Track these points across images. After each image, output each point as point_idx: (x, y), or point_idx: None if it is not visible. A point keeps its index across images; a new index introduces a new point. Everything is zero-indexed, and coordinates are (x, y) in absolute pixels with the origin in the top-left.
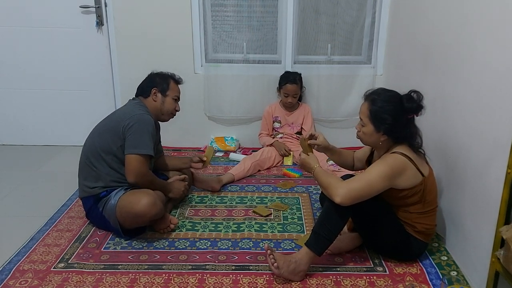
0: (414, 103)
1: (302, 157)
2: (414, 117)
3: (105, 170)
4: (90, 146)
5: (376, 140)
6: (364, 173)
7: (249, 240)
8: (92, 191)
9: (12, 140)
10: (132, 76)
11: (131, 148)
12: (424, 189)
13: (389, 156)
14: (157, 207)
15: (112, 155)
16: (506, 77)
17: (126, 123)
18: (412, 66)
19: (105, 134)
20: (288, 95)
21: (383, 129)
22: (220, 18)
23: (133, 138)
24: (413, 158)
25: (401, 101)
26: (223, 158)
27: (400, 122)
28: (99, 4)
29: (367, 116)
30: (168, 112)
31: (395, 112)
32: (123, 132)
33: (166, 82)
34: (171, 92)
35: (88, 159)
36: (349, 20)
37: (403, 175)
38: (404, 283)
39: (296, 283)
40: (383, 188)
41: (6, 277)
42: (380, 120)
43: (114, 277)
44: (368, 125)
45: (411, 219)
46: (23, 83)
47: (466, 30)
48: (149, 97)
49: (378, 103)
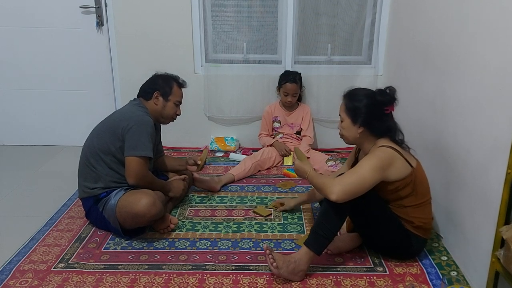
0: (386, 96)
1: (296, 163)
2: (392, 112)
3: (105, 171)
4: (89, 146)
5: (355, 134)
6: (356, 168)
7: (249, 240)
8: (92, 192)
9: (12, 140)
10: (132, 76)
11: (130, 150)
12: (415, 180)
13: (377, 149)
14: (157, 207)
15: (111, 156)
16: (506, 77)
17: (125, 124)
18: (412, 66)
19: (104, 135)
20: (287, 94)
21: (359, 121)
22: (220, 18)
23: (132, 140)
24: (399, 150)
25: (374, 95)
26: (223, 158)
27: (375, 115)
28: (99, 4)
29: (344, 111)
30: (168, 116)
31: (369, 104)
32: (122, 133)
33: (169, 86)
34: (173, 97)
35: (87, 160)
36: (349, 20)
37: (393, 166)
38: (404, 283)
39: (296, 283)
40: (376, 180)
41: (6, 277)
42: (356, 113)
43: (114, 277)
44: (346, 120)
45: (407, 213)
46: (23, 83)
47: (466, 30)
48: (151, 100)
49: (353, 98)
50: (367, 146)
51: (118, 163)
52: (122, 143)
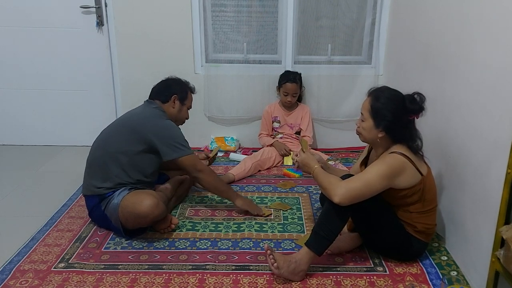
0: (416, 105)
1: (302, 156)
2: (415, 119)
3: (116, 171)
4: (105, 145)
5: (374, 136)
6: (363, 173)
7: (249, 240)
8: (98, 191)
9: (12, 140)
10: (132, 76)
11: (175, 153)
12: (423, 188)
13: (388, 156)
14: (160, 208)
15: (128, 158)
16: (506, 77)
17: (152, 130)
18: (412, 66)
19: (123, 136)
20: (287, 94)
21: (382, 125)
22: (220, 18)
23: (172, 144)
24: (412, 158)
25: (403, 100)
26: (223, 158)
27: (400, 122)
28: (99, 4)
29: (368, 110)
30: (181, 120)
31: (396, 111)
32: (149, 138)
33: (185, 91)
34: (188, 102)
35: (100, 159)
36: (349, 20)
37: (402, 175)
38: (404, 283)
39: (296, 283)
40: (382, 188)
41: (7, 277)
42: (380, 116)
43: (114, 277)
44: (368, 120)
45: (411, 219)
46: (23, 83)
47: (466, 30)
48: (168, 103)
49: (381, 100)
50: (381, 149)
51: (134, 165)
52: (146, 146)
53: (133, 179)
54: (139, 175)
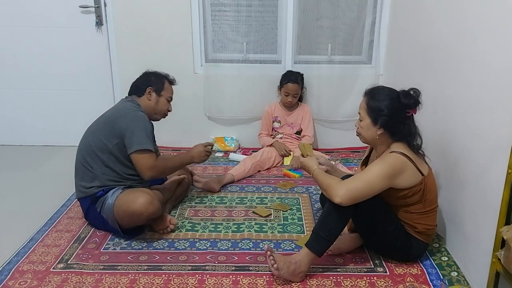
0: (411, 99)
1: (302, 159)
2: (413, 115)
3: (101, 170)
4: (85, 145)
5: (373, 134)
6: (364, 173)
7: (249, 240)
8: (89, 191)
9: (11, 140)
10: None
11: (131, 148)
12: (424, 188)
13: (388, 155)
14: (154, 206)
15: (108, 154)
16: (506, 77)
17: (121, 121)
18: (412, 66)
19: (99, 133)
20: (288, 94)
21: (380, 122)
22: (220, 18)
23: (131, 137)
24: (412, 158)
25: (398, 96)
26: (223, 158)
27: (397, 117)
28: (99, 4)
29: (365, 109)
30: (161, 112)
31: (392, 106)
32: (119, 131)
33: (161, 82)
34: (165, 93)
35: (83, 159)
36: (349, 20)
37: (403, 174)
38: (404, 283)
39: (296, 284)
40: (383, 187)
41: (6, 277)
42: (377, 113)
43: (113, 277)
44: (365, 119)
45: (411, 219)
46: (22, 83)
47: (466, 30)
48: (143, 96)
49: (376, 97)
50: (381, 148)
51: (115, 161)
52: (119, 139)
53: (121, 174)
54: (125, 169)
